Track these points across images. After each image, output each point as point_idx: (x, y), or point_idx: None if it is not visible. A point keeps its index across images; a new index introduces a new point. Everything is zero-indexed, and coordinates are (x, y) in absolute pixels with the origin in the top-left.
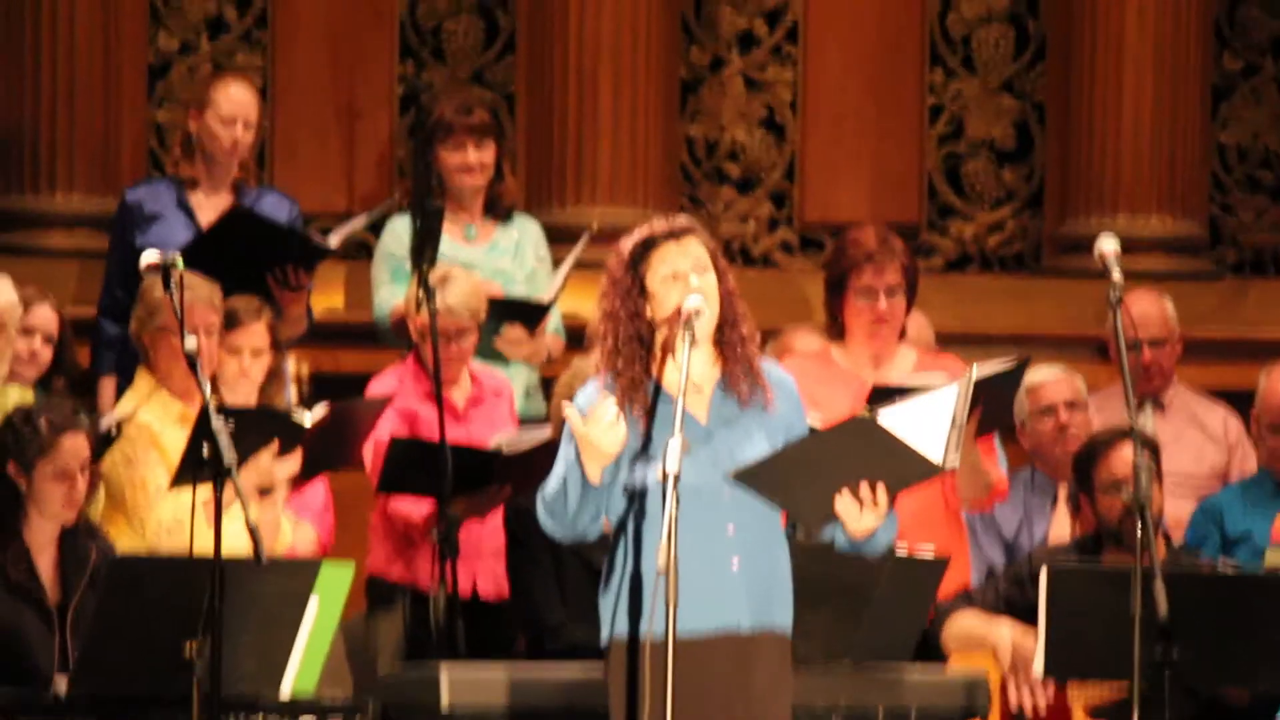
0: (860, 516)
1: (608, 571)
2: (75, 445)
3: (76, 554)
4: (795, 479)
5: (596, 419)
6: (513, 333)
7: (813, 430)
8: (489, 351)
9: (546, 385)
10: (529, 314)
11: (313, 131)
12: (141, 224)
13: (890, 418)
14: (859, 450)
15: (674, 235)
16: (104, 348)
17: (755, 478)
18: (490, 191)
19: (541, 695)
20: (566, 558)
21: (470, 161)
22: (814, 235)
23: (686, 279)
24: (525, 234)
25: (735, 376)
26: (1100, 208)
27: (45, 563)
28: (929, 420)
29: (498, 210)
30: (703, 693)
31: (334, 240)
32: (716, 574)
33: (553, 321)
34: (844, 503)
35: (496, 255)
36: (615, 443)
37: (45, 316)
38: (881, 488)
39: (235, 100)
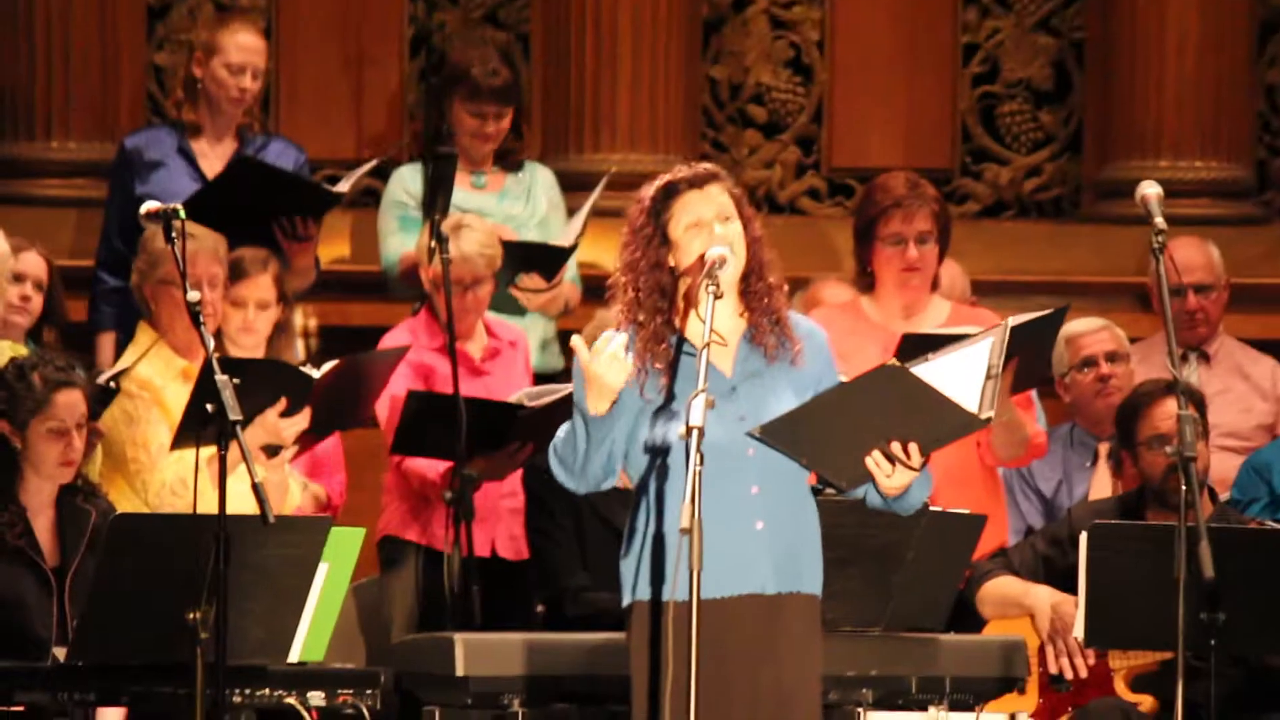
0: (893, 473)
1: (629, 532)
2: (70, 401)
3: (75, 515)
4: (822, 435)
5: (599, 351)
6: (530, 281)
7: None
8: (504, 302)
9: (563, 337)
10: (547, 261)
11: (319, 75)
12: (142, 172)
13: (921, 371)
14: (889, 403)
15: (697, 182)
16: (102, 302)
17: (779, 434)
18: (502, 147)
19: (559, 663)
20: (589, 519)
21: (489, 131)
22: (842, 181)
23: (710, 227)
24: (536, 180)
25: (761, 329)
26: (1142, 151)
27: (43, 525)
28: (963, 374)
29: (507, 163)
30: (726, 655)
31: (343, 186)
32: (740, 536)
33: (570, 271)
34: (875, 460)
35: (507, 202)
36: (619, 376)
37: (34, 263)
38: (914, 445)
39: (244, 48)
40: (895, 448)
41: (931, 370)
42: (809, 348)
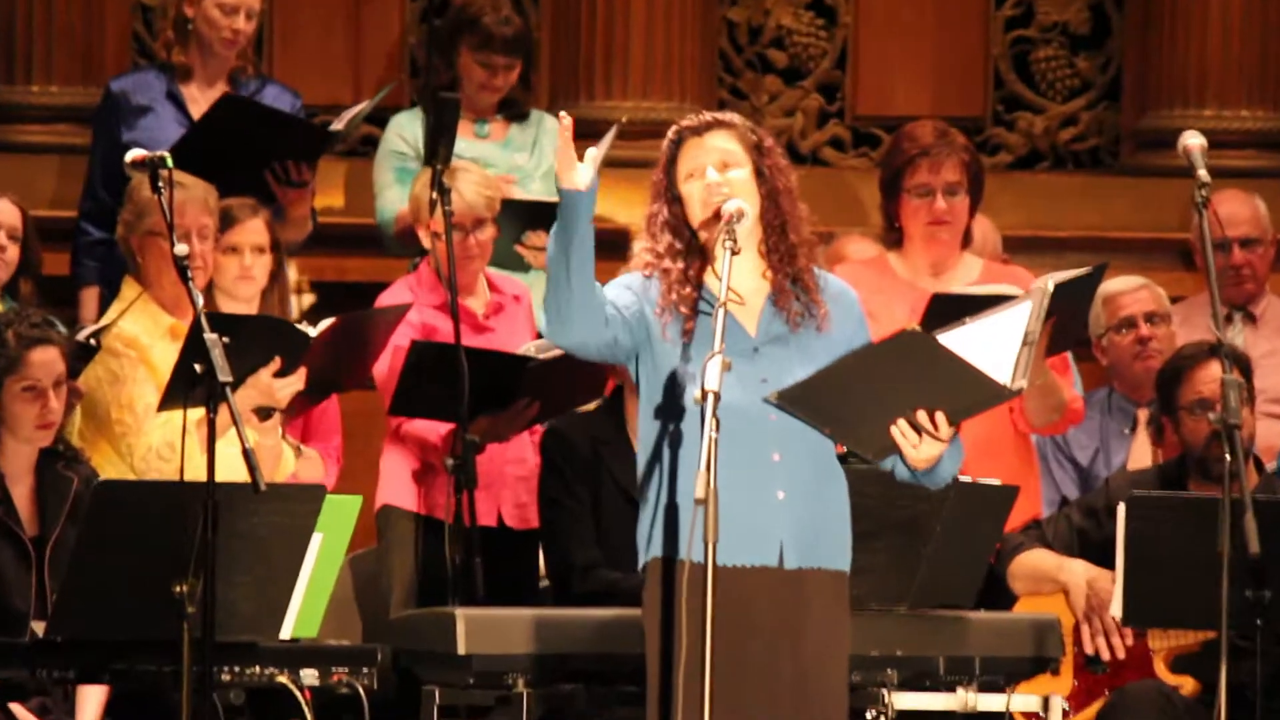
0: (920, 444)
1: (642, 501)
2: (46, 359)
3: (56, 482)
4: (843, 402)
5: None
6: (537, 239)
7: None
8: (509, 259)
9: None
10: (555, 218)
11: (316, 16)
12: (128, 117)
13: (953, 338)
14: (912, 370)
15: (700, 129)
16: (85, 255)
17: (797, 400)
18: (507, 98)
19: (566, 640)
20: (608, 491)
21: (496, 83)
22: (867, 131)
23: (703, 174)
24: (543, 129)
25: (784, 292)
26: (1184, 99)
27: (21, 492)
28: (999, 339)
29: (512, 112)
30: (743, 629)
31: (339, 125)
32: (759, 505)
33: None
34: (901, 431)
35: (511, 151)
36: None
37: (7, 212)
38: (941, 415)
39: None
40: (921, 417)
41: (964, 335)
42: (837, 310)
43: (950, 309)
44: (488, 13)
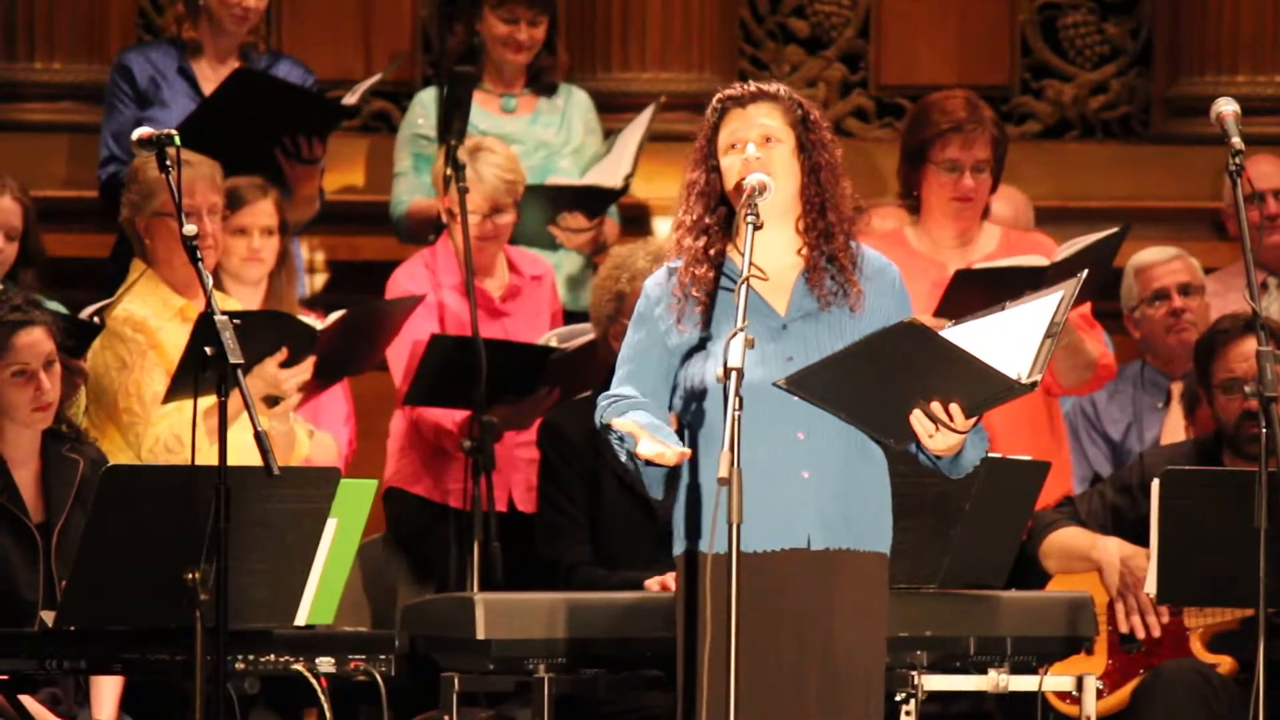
0: (936, 435)
1: (673, 480)
2: (32, 341)
3: (62, 466)
4: (853, 388)
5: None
6: (573, 220)
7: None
8: (539, 237)
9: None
10: (593, 201)
11: None
12: (139, 92)
13: (975, 329)
14: (918, 361)
15: (744, 100)
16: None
17: (807, 385)
18: (535, 64)
19: (588, 625)
20: (610, 489)
21: (521, 38)
22: (891, 101)
23: (744, 148)
24: (572, 104)
25: (818, 270)
26: (1217, 64)
27: (25, 477)
28: (1022, 329)
29: (540, 85)
30: (770, 615)
31: (351, 99)
32: (784, 485)
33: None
34: (917, 420)
35: (540, 127)
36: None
37: (6, 209)
38: (956, 407)
39: None
40: (936, 408)
41: (986, 325)
42: (874, 289)
43: (973, 284)
44: None
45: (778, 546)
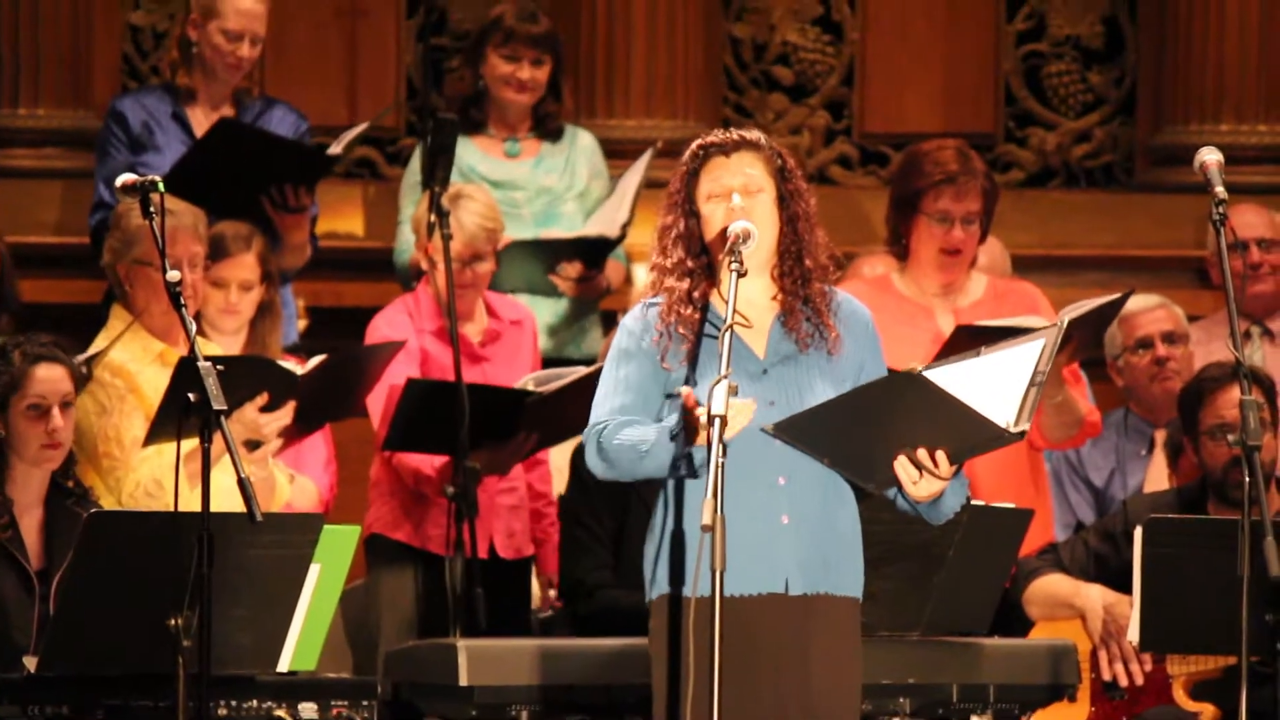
0: (919, 482)
1: (651, 524)
2: (51, 376)
3: (65, 517)
4: (842, 436)
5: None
6: (571, 269)
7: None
8: (541, 286)
9: (607, 318)
10: (592, 252)
11: (310, 32)
12: (133, 138)
13: (959, 372)
14: (910, 409)
15: (727, 148)
16: None
17: (797, 432)
18: (539, 109)
19: (571, 671)
20: (633, 514)
21: (523, 77)
22: (875, 149)
23: (728, 198)
24: (577, 148)
25: (794, 315)
26: (1200, 113)
27: (30, 523)
28: (1005, 377)
29: (545, 130)
30: (749, 658)
31: (335, 149)
32: (764, 530)
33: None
34: (901, 466)
35: (542, 173)
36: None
37: None
38: (942, 453)
39: (243, 13)
40: (922, 455)
41: (970, 370)
42: (849, 333)
43: (972, 341)
44: (510, 12)
45: (756, 591)
